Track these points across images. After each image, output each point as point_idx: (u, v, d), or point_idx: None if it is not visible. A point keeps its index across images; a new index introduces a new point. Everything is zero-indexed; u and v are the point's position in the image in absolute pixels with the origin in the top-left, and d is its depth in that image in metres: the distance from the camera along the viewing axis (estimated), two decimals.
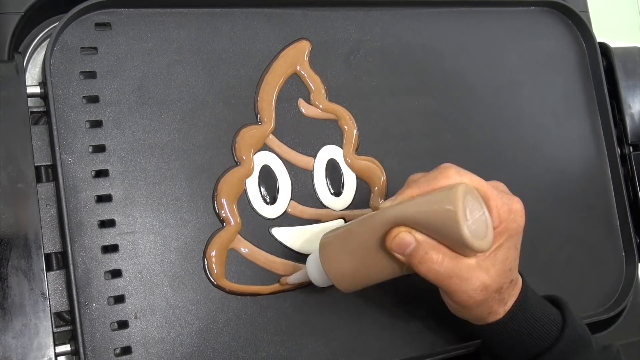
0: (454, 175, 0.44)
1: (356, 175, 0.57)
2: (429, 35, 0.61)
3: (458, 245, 0.43)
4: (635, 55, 0.70)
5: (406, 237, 0.43)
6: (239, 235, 0.52)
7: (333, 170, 0.56)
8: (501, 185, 0.48)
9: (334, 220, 0.55)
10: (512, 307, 0.48)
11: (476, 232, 0.42)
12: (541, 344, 0.49)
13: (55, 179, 0.47)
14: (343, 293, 0.48)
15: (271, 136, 0.54)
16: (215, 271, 0.50)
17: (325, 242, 0.48)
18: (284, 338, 0.52)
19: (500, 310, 0.48)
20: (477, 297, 0.45)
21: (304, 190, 0.55)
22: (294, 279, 0.52)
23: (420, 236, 0.43)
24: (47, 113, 0.47)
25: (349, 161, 0.56)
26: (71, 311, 0.46)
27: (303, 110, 0.56)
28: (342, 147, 0.56)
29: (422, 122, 0.60)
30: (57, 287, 0.46)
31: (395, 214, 0.44)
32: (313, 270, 0.50)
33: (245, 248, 0.52)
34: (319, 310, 0.53)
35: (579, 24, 0.68)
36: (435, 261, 0.43)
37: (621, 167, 0.67)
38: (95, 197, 0.48)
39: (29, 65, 0.52)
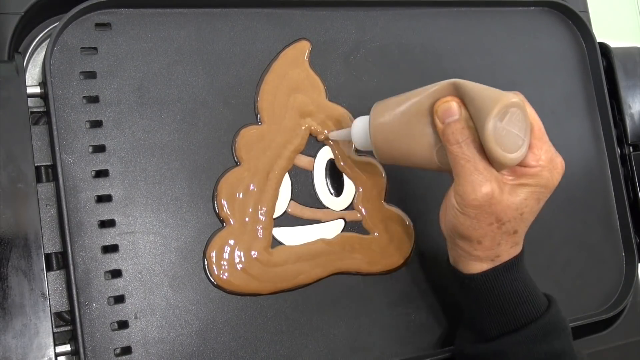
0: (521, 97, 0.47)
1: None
2: (429, 35, 0.61)
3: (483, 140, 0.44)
4: (635, 55, 0.70)
5: (454, 107, 0.45)
6: None
7: (333, 171, 0.56)
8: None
9: (334, 220, 0.55)
10: (507, 262, 0.48)
11: (502, 140, 0.43)
12: (526, 314, 0.48)
13: (55, 179, 0.47)
14: (344, 289, 0.48)
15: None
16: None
17: (382, 101, 0.50)
18: (284, 338, 0.52)
19: (488, 262, 0.48)
20: (480, 197, 0.44)
21: (304, 190, 0.55)
22: (336, 135, 0.54)
23: (466, 114, 0.45)
24: (47, 113, 0.47)
25: (349, 161, 0.56)
26: (71, 311, 0.46)
27: None
28: (341, 147, 0.56)
29: None
30: (57, 287, 0.46)
31: (456, 80, 0.46)
32: (358, 129, 0.51)
33: None
34: (319, 310, 0.53)
35: (579, 24, 0.68)
36: (467, 138, 0.44)
37: (621, 167, 0.67)
38: (95, 197, 0.48)
39: (29, 65, 0.52)
